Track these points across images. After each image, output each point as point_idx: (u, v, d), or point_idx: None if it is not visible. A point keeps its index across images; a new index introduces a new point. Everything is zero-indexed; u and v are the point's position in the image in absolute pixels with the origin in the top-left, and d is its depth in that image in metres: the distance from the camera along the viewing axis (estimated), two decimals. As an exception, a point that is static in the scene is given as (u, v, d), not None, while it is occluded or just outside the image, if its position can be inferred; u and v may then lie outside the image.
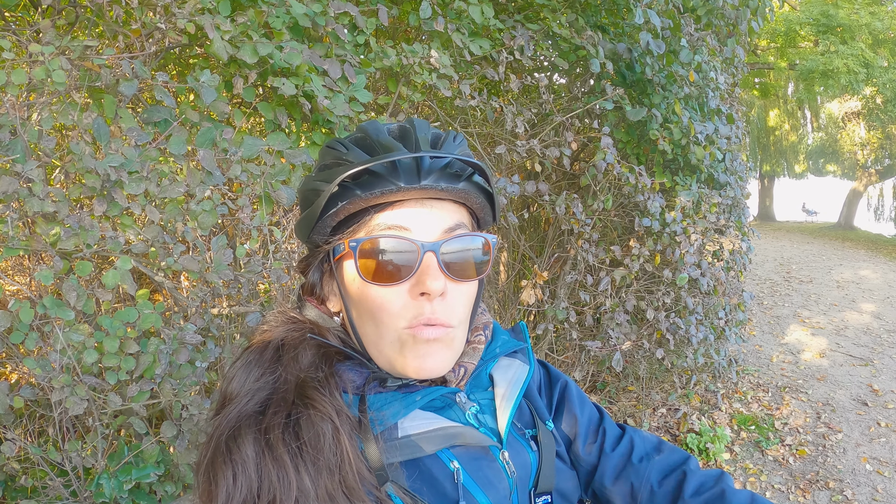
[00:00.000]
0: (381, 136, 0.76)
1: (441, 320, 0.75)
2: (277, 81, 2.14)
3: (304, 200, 0.81)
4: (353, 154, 0.76)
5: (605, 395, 4.55)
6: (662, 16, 3.34)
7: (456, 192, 0.77)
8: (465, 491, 0.75)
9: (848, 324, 7.06)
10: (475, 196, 0.80)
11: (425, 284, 0.73)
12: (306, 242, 0.83)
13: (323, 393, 0.72)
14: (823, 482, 3.86)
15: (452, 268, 0.76)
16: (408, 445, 0.74)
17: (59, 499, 1.95)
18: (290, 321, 0.82)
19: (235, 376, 0.75)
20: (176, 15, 2.03)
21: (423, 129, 0.78)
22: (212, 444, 0.69)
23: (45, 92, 1.91)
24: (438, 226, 0.76)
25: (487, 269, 0.80)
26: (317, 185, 0.77)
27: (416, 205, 0.75)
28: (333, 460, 0.67)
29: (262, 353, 0.77)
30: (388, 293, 0.75)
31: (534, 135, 3.51)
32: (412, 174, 0.73)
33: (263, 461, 0.66)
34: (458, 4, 2.77)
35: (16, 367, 2.30)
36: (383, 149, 0.75)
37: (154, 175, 1.90)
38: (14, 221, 1.77)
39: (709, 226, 3.78)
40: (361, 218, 0.76)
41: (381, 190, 0.73)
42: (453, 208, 0.79)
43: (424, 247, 0.74)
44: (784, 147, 21.26)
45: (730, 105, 4.49)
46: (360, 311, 0.78)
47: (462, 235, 0.77)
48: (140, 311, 1.91)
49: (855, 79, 10.69)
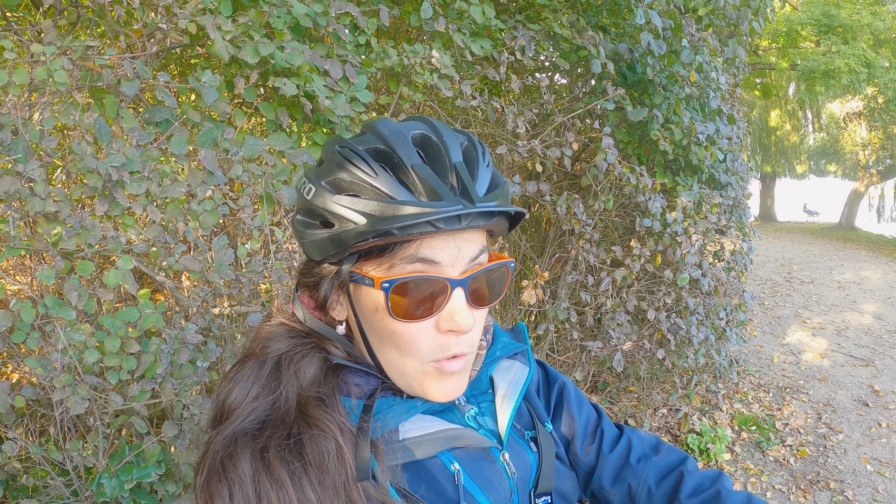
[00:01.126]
0: (413, 160, 0.70)
1: (465, 351, 0.74)
2: (279, 81, 2.14)
3: (314, 213, 0.74)
4: (385, 182, 0.69)
5: (605, 396, 4.55)
6: (663, 16, 3.34)
7: (488, 225, 0.74)
8: (465, 492, 0.76)
9: (849, 324, 7.06)
10: (501, 224, 0.77)
11: (455, 322, 0.71)
12: (312, 257, 0.78)
13: (326, 410, 0.70)
14: (824, 483, 3.86)
15: (476, 297, 0.74)
16: (408, 448, 0.74)
17: (60, 498, 1.95)
18: (291, 332, 0.79)
19: (233, 390, 0.73)
20: (177, 15, 2.04)
21: (453, 146, 0.73)
22: (207, 461, 0.67)
23: (47, 92, 1.91)
24: (465, 258, 0.72)
25: (503, 293, 0.79)
26: (339, 211, 0.70)
27: (445, 237, 0.71)
28: (339, 479, 0.66)
29: (261, 367, 0.75)
30: (416, 329, 0.72)
31: (535, 135, 3.51)
32: (453, 221, 0.69)
33: (261, 479, 0.64)
34: (459, 5, 2.77)
35: (17, 366, 2.30)
36: (425, 189, 0.68)
37: (155, 175, 1.90)
38: (16, 221, 1.77)
39: (710, 226, 3.78)
40: (386, 248, 0.70)
41: (419, 232, 0.68)
42: (477, 235, 0.74)
43: (454, 283, 0.71)
44: (785, 147, 21.25)
45: (731, 105, 4.49)
46: (381, 341, 0.75)
47: (487, 267, 0.74)
48: (141, 310, 1.91)
49: (856, 79, 10.70)
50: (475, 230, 0.73)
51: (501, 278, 0.77)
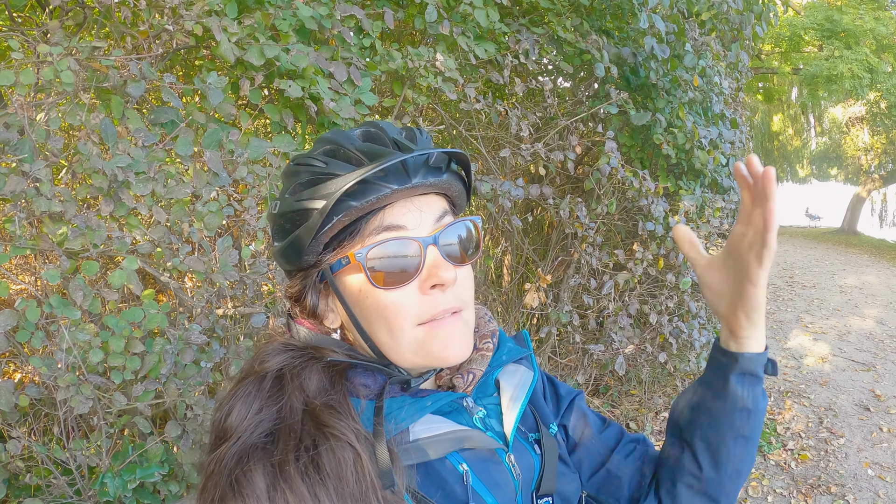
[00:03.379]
0: (356, 143, 0.75)
1: (455, 307, 0.76)
2: (284, 83, 2.15)
3: (285, 224, 0.77)
4: (334, 166, 0.74)
5: (607, 399, 4.55)
6: (667, 20, 3.35)
7: (440, 184, 0.78)
8: (473, 493, 0.76)
9: (850, 329, 7.05)
10: (455, 185, 0.81)
11: (438, 276, 0.74)
12: (293, 267, 0.80)
13: (340, 418, 0.70)
14: (825, 487, 3.86)
15: (452, 255, 0.77)
16: (419, 449, 0.74)
17: (63, 497, 1.95)
18: (286, 348, 0.79)
19: (234, 409, 0.72)
20: (183, 17, 2.05)
21: (392, 130, 0.78)
22: (217, 480, 0.65)
23: (53, 92, 1.92)
24: (428, 219, 0.77)
25: (480, 250, 0.82)
26: (304, 205, 0.74)
27: (405, 203, 0.75)
28: (357, 488, 0.66)
29: (261, 383, 0.74)
30: (401, 295, 0.74)
31: (538, 138, 3.51)
32: (401, 175, 0.73)
33: (277, 494, 0.63)
34: (463, 8, 2.78)
35: (21, 365, 2.31)
36: (365, 155, 0.74)
37: (161, 176, 1.91)
38: (21, 221, 1.78)
39: (712, 230, 3.78)
40: (354, 228, 0.75)
41: (375, 196, 0.72)
42: (435, 199, 0.79)
43: (425, 241, 0.74)
44: (787, 152, 21.23)
45: (734, 109, 4.49)
46: (372, 319, 0.76)
47: (453, 223, 0.78)
48: (146, 311, 1.91)
49: (859, 84, 10.68)
50: (431, 195, 0.78)
51: (471, 235, 0.80)
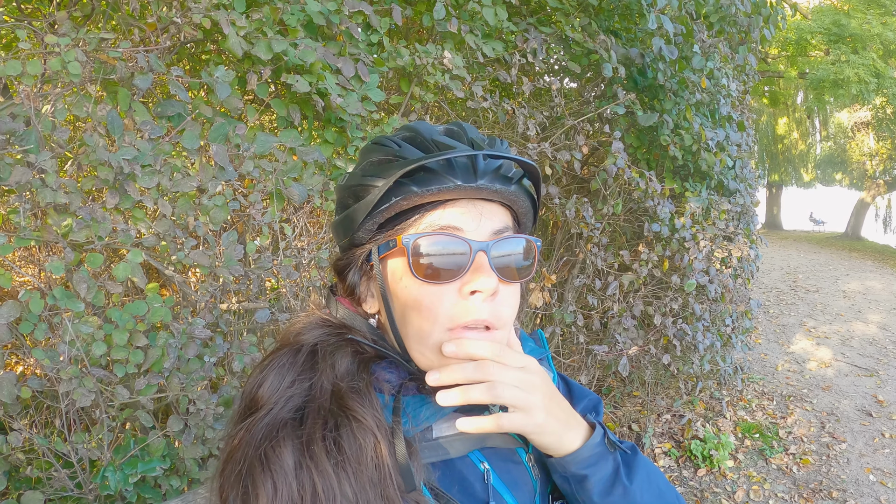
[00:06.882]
0: (434, 135, 0.75)
1: (489, 321, 0.73)
2: (291, 78, 2.14)
3: (348, 197, 0.77)
4: (406, 151, 0.74)
5: (610, 400, 4.53)
6: (675, 22, 3.33)
7: (507, 194, 0.76)
8: (494, 492, 0.76)
9: (854, 334, 7.03)
10: (522, 200, 0.79)
11: (478, 282, 0.71)
12: (345, 241, 0.80)
13: (363, 404, 0.70)
14: (827, 492, 3.84)
15: (501, 269, 0.74)
16: (441, 447, 0.74)
17: (64, 490, 1.94)
18: (324, 323, 0.80)
19: (267, 378, 0.73)
20: (192, 10, 2.04)
21: (473, 132, 0.77)
22: (246, 451, 0.66)
23: (60, 83, 1.91)
24: (488, 227, 0.75)
25: (532, 272, 0.80)
26: (367, 181, 0.74)
27: (467, 205, 0.74)
28: (376, 474, 0.66)
29: (296, 356, 0.75)
30: (438, 291, 0.72)
31: (545, 138, 3.50)
32: (468, 173, 0.72)
33: (304, 471, 0.64)
34: (471, 6, 2.76)
35: (23, 357, 2.31)
36: (438, 147, 0.74)
37: (167, 169, 1.90)
38: (26, 212, 1.77)
39: (718, 232, 3.77)
40: (412, 216, 0.74)
41: (437, 187, 0.72)
42: (500, 210, 0.77)
43: (476, 246, 0.72)
44: (792, 156, 21.18)
45: (741, 112, 4.48)
46: (404, 310, 0.75)
47: (512, 236, 0.76)
48: (149, 304, 1.91)
49: (865, 89, 10.65)
50: (497, 204, 0.77)
51: (528, 254, 0.78)
